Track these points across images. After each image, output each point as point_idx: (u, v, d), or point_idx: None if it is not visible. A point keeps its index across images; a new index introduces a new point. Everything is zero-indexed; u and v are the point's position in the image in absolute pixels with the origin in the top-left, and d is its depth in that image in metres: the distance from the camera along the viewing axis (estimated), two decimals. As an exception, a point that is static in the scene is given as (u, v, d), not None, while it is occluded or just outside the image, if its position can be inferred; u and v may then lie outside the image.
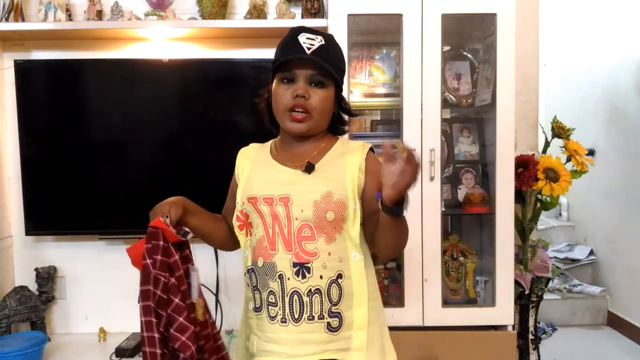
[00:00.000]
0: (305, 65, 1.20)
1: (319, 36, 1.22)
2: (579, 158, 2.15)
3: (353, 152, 1.28)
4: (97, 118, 2.24)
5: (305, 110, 1.20)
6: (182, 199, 1.25)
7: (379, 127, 2.34)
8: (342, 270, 1.22)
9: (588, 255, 4.00)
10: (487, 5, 1.99)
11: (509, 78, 1.99)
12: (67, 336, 2.31)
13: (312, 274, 1.19)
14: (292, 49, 1.20)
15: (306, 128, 1.23)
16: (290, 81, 1.22)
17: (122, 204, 2.23)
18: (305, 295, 1.19)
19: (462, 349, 2.01)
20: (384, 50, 2.23)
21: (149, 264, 1.17)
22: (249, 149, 1.37)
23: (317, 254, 1.20)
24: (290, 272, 1.19)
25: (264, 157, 1.31)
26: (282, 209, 1.21)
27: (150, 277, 1.16)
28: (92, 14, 2.16)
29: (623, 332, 3.52)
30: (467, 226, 2.34)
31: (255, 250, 1.23)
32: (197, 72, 2.22)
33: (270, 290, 1.21)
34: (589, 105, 3.98)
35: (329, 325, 1.20)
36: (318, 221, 1.20)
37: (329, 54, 1.22)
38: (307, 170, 1.23)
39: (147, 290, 1.17)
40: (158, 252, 1.17)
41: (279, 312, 1.20)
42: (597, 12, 3.96)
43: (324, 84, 1.22)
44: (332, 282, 1.21)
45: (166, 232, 1.19)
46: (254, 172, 1.29)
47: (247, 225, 1.26)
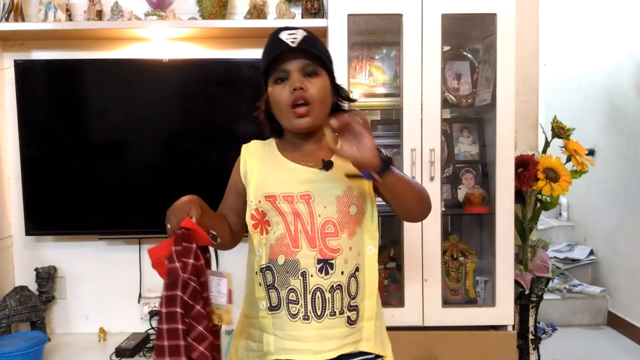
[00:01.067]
0: (294, 58, 1.20)
1: (300, 29, 1.22)
2: (579, 158, 2.15)
3: None
4: (97, 118, 2.24)
5: (306, 101, 1.20)
6: (197, 198, 1.21)
7: (379, 127, 2.34)
8: (359, 263, 1.24)
9: (588, 255, 4.00)
10: (487, 5, 1.99)
11: (509, 78, 1.99)
12: (67, 336, 2.31)
13: (335, 270, 1.20)
14: (277, 47, 1.20)
15: (311, 121, 1.22)
16: (284, 80, 1.22)
17: (122, 204, 2.23)
18: (328, 291, 1.19)
19: (462, 349, 2.01)
20: (384, 50, 2.23)
21: (178, 268, 1.10)
22: (253, 146, 1.35)
23: (340, 250, 1.21)
24: (314, 269, 1.19)
25: (273, 156, 1.30)
26: (303, 206, 1.21)
27: (178, 281, 1.09)
28: (92, 14, 2.16)
29: (623, 332, 3.52)
30: (467, 226, 2.34)
31: (274, 248, 1.22)
32: (197, 72, 2.22)
33: (291, 287, 1.20)
34: (589, 105, 3.98)
35: (349, 319, 1.22)
36: (341, 216, 1.21)
37: (314, 43, 1.22)
38: (326, 167, 1.23)
39: (174, 295, 1.09)
40: (190, 255, 1.11)
41: (300, 310, 1.19)
42: (597, 12, 3.96)
43: (318, 73, 1.22)
44: (351, 277, 1.22)
45: (199, 234, 1.13)
46: (265, 170, 1.27)
47: (262, 224, 1.24)
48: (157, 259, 1.14)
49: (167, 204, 2.45)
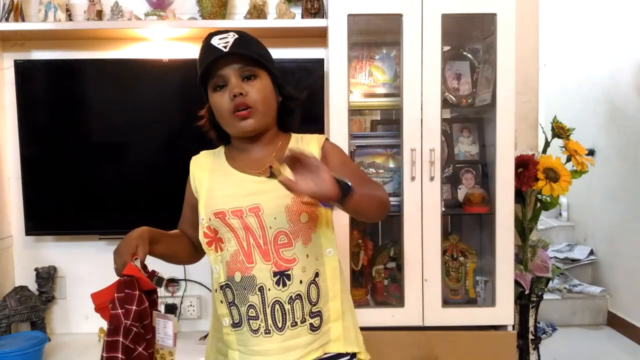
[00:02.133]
0: (229, 63, 1.17)
1: (231, 33, 1.20)
2: (579, 158, 2.15)
3: (309, 144, 1.26)
4: (97, 118, 2.24)
5: (247, 106, 1.17)
6: (146, 231, 1.18)
7: (379, 127, 2.34)
8: (318, 268, 1.21)
9: (588, 255, 4.00)
10: (487, 5, 1.99)
11: (509, 78, 1.99)
12: (67, 336, 2.31)
13: (293, 281, 1.18)
14: (210, 54, 1.18)
15: (255, 123, 1.19)
16: (222, 86, 1.19)
17: (122, 204, 2.23)
18: (287, 303, 1.17)
19: (462, 349, 2.01)
20: (384, 50, 2.23)
21: (121, 315, 1.10)
22: (202, 158, 1.32)
23: (296, 259, 1.18)
24: (271, 283, 1.17)
25: (222, 167, 1.26)
26: (253, 220, 1.17)
27: (120, 327, 1.09)
28: (92, 14, 2.16)
29: (623, 332, 3.52)
30: (467, 226, 2.34)
31: (230, 265, 1.19)
32: (197, 72, 2.21)
33: (250, 304, 1.18)
34: (589, 105, 3.98)
35: (311, 326, 1.20)
36: (293, 225, 1.18)
37: (247, 44, 1.19)
38: (273, 175, 1.20)
39: (115, 341, 1.08)
40: (133, 302, 1.11)
41: (261, 325, 1.18)
42: (597, 12, 3.96)
43: (256, 75, 1.19)
44: (310, 284, 1.20)
45: (142, 280, 1.13)
46: (214, 184, 1.24)
47: (216, 241, 1.21)
48: (101, 304, 1.14)
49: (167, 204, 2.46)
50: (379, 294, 2.16)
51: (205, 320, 2.34)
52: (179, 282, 2.34)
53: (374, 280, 2.17)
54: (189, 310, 2.32)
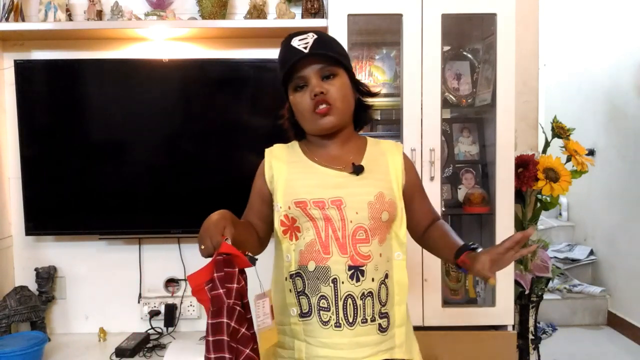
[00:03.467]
0: (309, 64, 1.20)
1: (310, 33, 1.22)
2: (579, 158, 2.15)
3: (391, 151, 1.30)
4: (97, 118, 2.24)
5: (327, 103, 1.20)
6: (229, 214, 1.15)
7: (379, 127, 2.35)
8: (388, 270, 1.23)
9: (588, 255, 4.00)
10: (487, 5, 1.99)
11: (509, 78, 1.99)
12: (67, 336, 2.31)
13: (366, 277, 1.19)
14: (291, 55, 1.20)
15: (335, 120, 1.22)
16: (303, 87, 1.21)
17: (122, 204, 2.23)
18: (359, 298, 1.19)
19: (462, 349, 2.01)
20: (384, 50, 2.23)
21: (222, 294, 1.07)
22: (277, 150, 1.32)
23: (371, 257, 1.20)
24: (345, 276, 1.18)
25: (299, 159, 1.27)
26: (335, 212, 1.19)
27: (224, 308, 1.07)
28: (92, 14, 2.16)
29: (623, 332, 3.52)
30: (467, 226, 2.34)
31: (304, 254, 1.20)
32: (197, 72, 2.22)
33: (321, 294, 1.19)
34: (589, 105, 3.98)
35: (380, 326, 1.21)
36: (373, 222, 1.20)
37: (326, 44, 1.21)
38: (356, 172, 1.22)
39: (220, 323, 1.06)
40: (233, 280, 1.08)
41: (332, 317, 1.18)
42: (597, 12, 3.96)
43: (336, 74, 1.21)
44: (381, 283, 1.21)
45: (239, 258, 1.09)
46: (293, 174, 1.25)
47: (292, 230, 1.22)
48: (197, 286, 1.10)
49: (167, 204, 2.46)
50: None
51: (205, 320, 2.34)
52: (179, 282, 2.34)
53: (374, 280, 2.16)
54: (189, 310, 2.32)
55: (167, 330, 2.31)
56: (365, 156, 1.27)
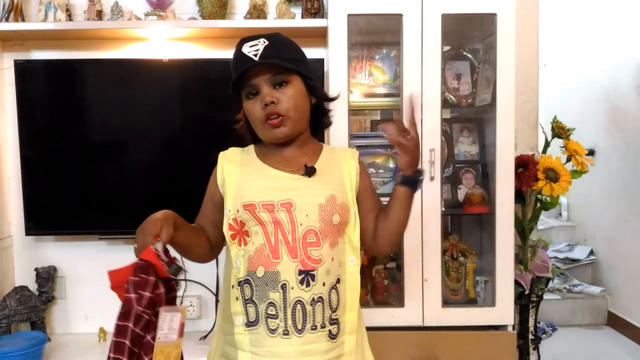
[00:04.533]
0: (259, 72, 1.17)
1: (261, 39, 1.18)
2: (579, 158, 2.15)
3: (345, 156, 1.29)
4: (97, 118, 2.24)
5: (279, 114, 1.18)
6: (171, 215, 1.14)
7: (379, 127, 2.34)
8: (340, 275, 1.20)
9: (588, 255, 4.00)
10: (487, 5, 1.99)
11: (509, 78, 1.99)
12: (67, 336, 2.31)
13: (317, 282, 1.16)
14: (240, 63, 1.18)
15: (287, 131, 1.20)
16: (255, 94, 1.20)
17: (122, 204, 2.23)
18: (309, 304, 1.15)
19: (462, 349, 2.01)
20: (384, 50, 2.23)
21: (133, 299, 1.06)
22: (231, 153, 1.31)
23: (322, 260, 1.17)
24: (295, 281, 1.14)
25: (253, 162, 1.26)
26: (284, 215, 1.16)
27: (131, 313, 1.06)
28: (92, 14, 2.16)
29: (623, 332, 3.52)
30: (467, 226, 2.34)
31: (253, 259, 1.16)
32: (197, 72, 2.22)
33: (270, 301, 1.15)
34: (589, 105, 3.98)
35: (330, 333, 1.18)
36: (324, 225, 1.17)
37: (277, 50, 1.18)
38: (308, 173, 1.20)
39: (124, 326, 1.05)
40: (146, 287, 1.07)
41: (280, 324, 1.14)
42: (597, 12, 3.96)
43: (288, 81, 1.19)
44: (332, 288, 1.18)
45: (158, 268, 1.07)
46: (245, 177, 1.23)
47: (241, 234, 1.19)
48: (117, 282, 1.10)
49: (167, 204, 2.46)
50: (379, 294, 2.16)
51: (205, 320, 2.34)
52: (178, 282, 2.34)
53: (374, 280, 2.16)
54: (189, 310, 2.32)
55: (167, 330, 2.30)
56: (320, 160, 1.25)
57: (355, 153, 1.31)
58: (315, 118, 1.28)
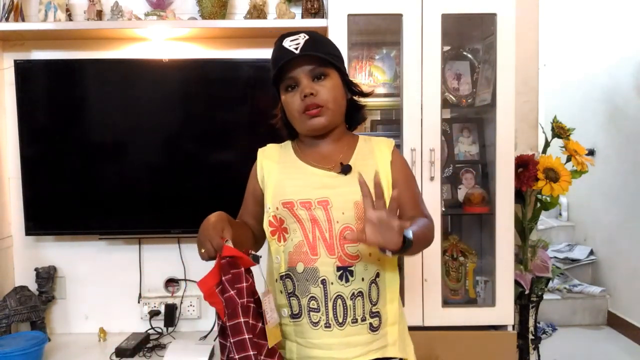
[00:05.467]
0: (300, 64, 1.20)
1: (301, 34, 1.21)
2: (579, 158, 2.15)
3: (380, 147, 1.29)
4: (97, 118, 2.24)
5: (318, 105, 1.20)
6: (225, 215, 1.16)
7: (379, 127, 2.34)
8: (379, 268, 1.23)
9: (588, 255, 4.00)
10: (487, 5, 1.99)
11: (509, 78, 1.99)
12: (67, 336, 2.31)
13: (355, 277, 1.19)
14: (282, 56, 1.20)
15: (326, 121, 1.22)
16: (294, 87, 1.22)
17: (122, 204, 2.23)
18: (349, 298, 1.19)
19: (462, 349, 2.01)
20: (384, 50, 2.23)
21: (234, 295, 1.09)
22: (269, 150, 1.34)
23: (359, 257, 1.20)
24: (334, 277, 1.18)
25: (290, 159, 1.29)
26: (321, 213, 1.19)
27: (238, 308, 1.08)
28: (92, 14, 2.16)
29: (623, 332, 3.52)
30: (467, 226, 2.34)
31: (293, 255, 1.21)
32: (197, 72, 2.22)
33: (311, 295, 1.19)
34: (589, 105, 3.98)
35: (371, 325, 1.21)
36: (360, 222, 1.19)
37: (318, 45, 1.21)
38: (344, 171, 1.22)
39: (237, 323, 1.08)
40: (241, 279, 1.10)
41: (322, 317, 1.19)
42: (597, 12, 3.96)
43: (327, 74, 1.22)
44: (371, 283, 1.21)
45: (242, 259, 1.11)
46: (283, 175, 1.26)
47: (280, 231, 1.23)
48: (209, 290, 1.11)
49: (167, 204, 2.46)
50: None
51: (205, 320, 2.34)
52: (178, 282, 2.34)
53: (374, 280, 2.16)
54: (189, 310, 2.32)
55: (167, 330, 2.31)
56: (355, 155, 1.27)
57: (391, 143, 1.31)
58: (351, 113, 1.30)
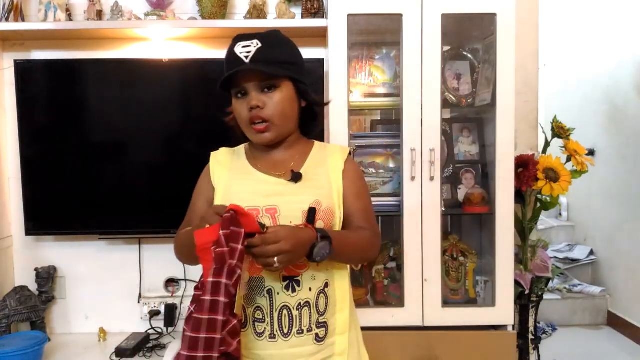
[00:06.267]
0: (248, 75, 1.16)
1: (255, 40, 1.16)
2: (579, 158, 2.15)
3: (334, 156, 1.25)
4: (97, 118, 2.24)
5: (263, 119, 1.17)
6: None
7: (379, 127, 2.34)
8: (328, 278, 1.20)
9: (588, 255, 4.00)
10: (487, 5, 1.99)
11: (509, 78, 1.99)
12: (67, 336, 2.31)
13: (302, 287, 1.16)
14: (232, 63, 1.17)
15: (271, 136, 1.19)
16: (244, 94, 1.19)
17: (122, 204, 2.23)
18: (295, 309, 1.16)
19: (462, 349, 2.01)
20: (384, 50, 2.23)
21: (226, 253, 1.03)
22: (221, 154, 1.31)
23: (307, 266, 1.17)
24: (280, 287, 1.15)
25: (241, 165, 1.25)
26: (269, 221, 1.15)
27: (225, 267, 1.02)
28: (92, 14, 2.16)
29: (623, 332, 3.52)
30: (467, 226, 2.34)
31: None
32: (197, 72, 2.22)
33: (257, 305, 1.16)
34: (589, 105, 3.98)
35: (317, 336, 1.18)
36: None
37: (269, 54, 1.16)
38: (294, 179, 1.19)
39: (218, 282, 1.02)
40: (238, 240, 1.03)
41: (266, 328, 1.16)
42: (597, 12, 3.96)
43: (276, 86, 1.17)
44: (320, 293, 1.18)
45: (249, 218, 1.05)
46: (232, 181, 1.23)
47: None
48: (203, 244, 1.06)
49: (167, 204, 2.46)
50: (378, 294, 2.16)
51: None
52: (178, 282, 2.34)
53: (374, 280, 2.17)
54: (189, 310, 2.32)
55: (167, 330, 2.31)
56: (307, 162, 1.23)
57: (345, 151, 1.27)
58: (305, 120, 1.27)
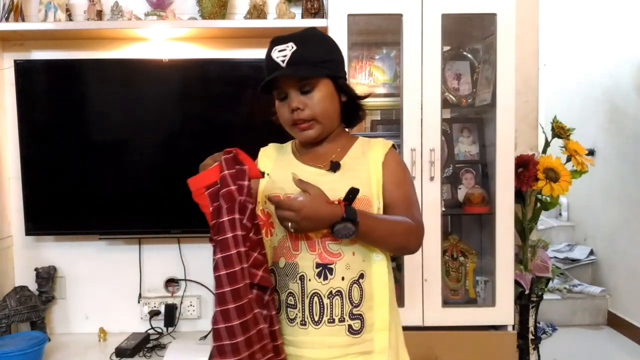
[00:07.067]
0: (286, 78, 1.18)
1: (290, 42, 1.17)
2: (579, 158, 2.15)
3: (374, 148, 1.27)
4: (97, 118, 2.24)
5: (305, 119, 1.20)
6: None
7: (379, 127, 2.35)
8: (364, 270, 1.20)
9: (588, 255, 4.00)
10: (487, 5, 1.99)
11: (509, 78, 1.99)
12: (67, 336, 2.31)
13: (335, 276, 1.17)
14: (270, 68, 1.19)
15: (315, 133, 1.22)
16: (285, 97, 1.21)
17: (122, 204, 2.23)
18: (326, 297, 1.17)
19: (462, 349, 2.01)
20: (384, 50, 2.23)
21: (234, 190, 1.00)
22: (269, 149, 1.35)
23: (341, 255, 1.18)
24: (312, 273, 1.17)
25: (286, 158, 1.30)
26: None
27: (235, 204, 1.00)
28: (92, 14, 2.16)
29: (623, 332, 3.52)
30: (467, 226, 2.35)
31: (277, 250, 1.21)
32: (197, 72, 2.22)
33: (289, 291, 1.19)
34: (589, 105, 3.98)
35: (350, 327, 1.18)
36: None
37: (305, 56, 1.17)
38: (333, 168, 1.22)
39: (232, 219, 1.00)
40: (244, 177, 1.01)
41: (298, 314, 1.18)
42: (597, 12, 3.96)
43: (315, 86, 1.19)
44: (353, 283, 1.18)
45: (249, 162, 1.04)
46: (275, 171, 1.27)
47: (268, 225, 1.24)
48: (198, 190, 1.06)
49: (167, 204, 2.46)
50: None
51: (205, 320, 2.34)
52: (179, 282, 2.34)
53: (374, 280, 2.16)
54: (189, 310, 2.32)
55: (167, 330, 2.31)
56: (348, 154, 1.26)
57: (387, 144, 1.28)
58: (348, 114, 1.29)
